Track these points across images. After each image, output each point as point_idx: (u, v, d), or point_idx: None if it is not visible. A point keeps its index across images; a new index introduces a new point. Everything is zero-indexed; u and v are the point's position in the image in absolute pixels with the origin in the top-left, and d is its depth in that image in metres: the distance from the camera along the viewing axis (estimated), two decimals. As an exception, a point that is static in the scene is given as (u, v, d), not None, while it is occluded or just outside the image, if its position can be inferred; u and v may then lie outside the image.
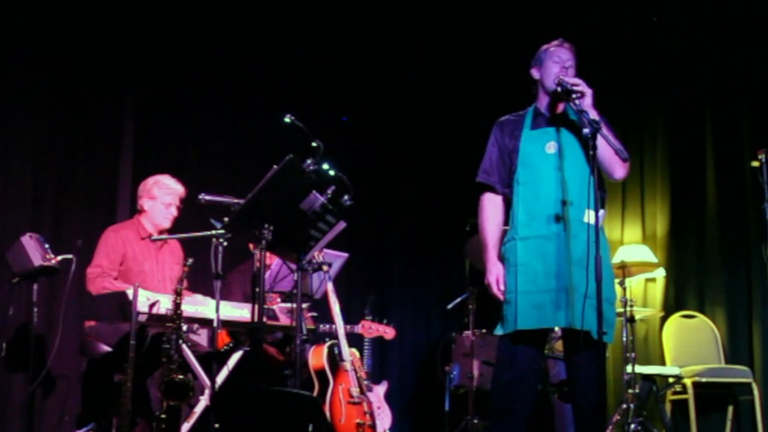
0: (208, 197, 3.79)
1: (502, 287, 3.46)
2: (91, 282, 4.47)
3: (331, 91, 6.58)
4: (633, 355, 5.36)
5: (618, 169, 3.48)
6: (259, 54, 6.17)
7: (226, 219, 3.60)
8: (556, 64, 3.52)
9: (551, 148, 3.47)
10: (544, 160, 3.47)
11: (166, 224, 4.74)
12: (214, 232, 3.83)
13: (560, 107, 3.55)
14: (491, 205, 3.59)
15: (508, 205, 3.59)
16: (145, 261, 4.64)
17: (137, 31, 5.54)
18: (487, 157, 3.63)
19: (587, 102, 3.36)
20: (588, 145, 3.25)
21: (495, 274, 3.49)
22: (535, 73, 3.60)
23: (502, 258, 3.54)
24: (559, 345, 5.21)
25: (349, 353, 5.00)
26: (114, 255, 4.56)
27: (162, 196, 4.70)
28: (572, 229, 3.38)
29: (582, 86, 3.39)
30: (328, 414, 4.87)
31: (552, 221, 3.40)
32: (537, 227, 3.43)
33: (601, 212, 3.41)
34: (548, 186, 3.44)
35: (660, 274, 6.29)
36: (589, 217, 3.30)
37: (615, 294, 3.61)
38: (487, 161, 3.62)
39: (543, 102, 3.60)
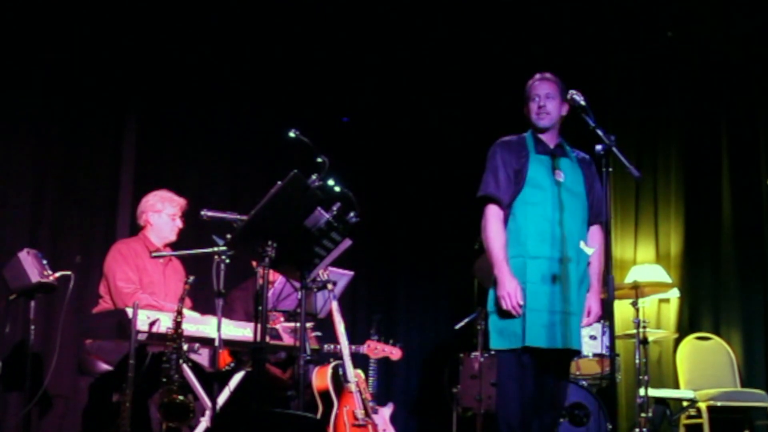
0: (210, 213, 3.78)
1: (521, 301, 3.51)
2: (128, 297, 4.36)
3: (334, 101, 6.54)
4: (646, 377, 5.31)
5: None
6: (260, 65, 6.13)
7: (228, 236, 3.58)
8: (534, 103, 3.71)
9: (559, 176, 3.65)
10: (553, 185, 3.63)
11: (173, 237, 4.74)
12: (216, 249, 3.80)
13: (555, 140, 3.75)
14: (498, 220, 3.67)
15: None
16: (153, 275, 4.63)
17: (137, 47, 5.51)
18: (492, 173, 3.69)
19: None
20: (584, 181, 3.70)
21: (515, 286, 3.53)
22: (525, 111, 3.80)
23: None
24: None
25: (354, 374, 4.95)
26: (134, 268, 4.54)
27: (167, 208, 4.70)
28: (576, 256, 3.58)
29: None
30: (332, 437, 4.78)
31: (559, 245, 3.56)
32: (547, 249, 3.57)
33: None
34: (557, 211, 3.59)
35: (674, 294, 6.25)
36: (583, 247, 3.61)
37: None
38: (494, 177, 3.69)
39: (537, 133, 3.76)
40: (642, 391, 5.23)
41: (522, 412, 3.52)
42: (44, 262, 4.33)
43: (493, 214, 3.65)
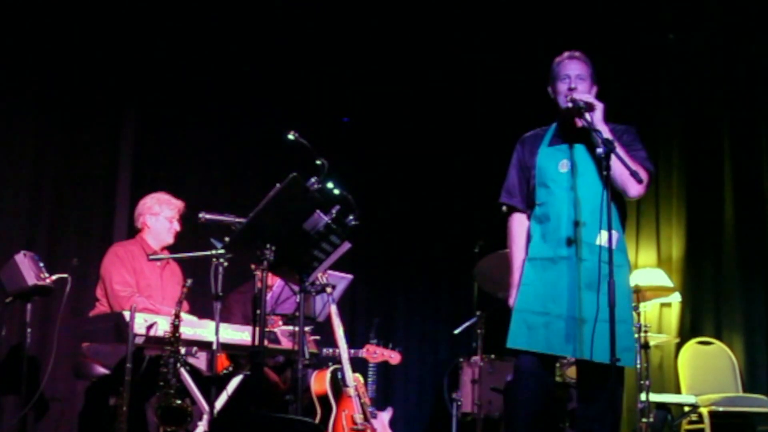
0: (208, 216, 3.76)
1: None
2: (125, 300, 4.35)
3: (334, 101, 6.52)
4: (647, 382, 5.27)
5: (631, 189, 3.35)
6: (259, 65, 6.12)
7: (226, 238, 3.57)
8: (563, 83, 3.45)
9: (564, 166, 3.42)
10: (557, 179, 3.42)
11: (170, 239, 4.73)
12: (214, 251, 3.77)
13: (579, 123, 3.44)
14: (518, 225, 3.55)
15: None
16: (151, 278, 4.62)
17: (135, 47, 5.50)
18: (509, 177, 3.59)
19: (597, 116, 3.30)
20: (602, 163, 3.21)
21: (513, 296, 3.45)
22: (550, 91, 3.55)
23: None
24: (571, 372, 5.07)
25: (352, 378, 4.93)
26: (131, 270, 4.53)
27: (164, 211, 4.69)
28: (582, 253, 3.32)
29: (590, 99, 3.33)
30: (330, 442, 4.76)
31: (561, 243, 3.35)
32: (545, 249, 3.40)
33: (615, 234, 3.33)
34: (559, 206, 3.40)
35: (675, 298, 6.20)
36: (602, 238, 3.28)
37: (632, 315, 3.54)
38: (509, 180, 3.59)
39: (560, 118, 3.54)
40: (643, 396, 5.20)
41: (526, 416, 3.35)
42: (41, 264, 4.32)
43: (512, 220, 3.56)
